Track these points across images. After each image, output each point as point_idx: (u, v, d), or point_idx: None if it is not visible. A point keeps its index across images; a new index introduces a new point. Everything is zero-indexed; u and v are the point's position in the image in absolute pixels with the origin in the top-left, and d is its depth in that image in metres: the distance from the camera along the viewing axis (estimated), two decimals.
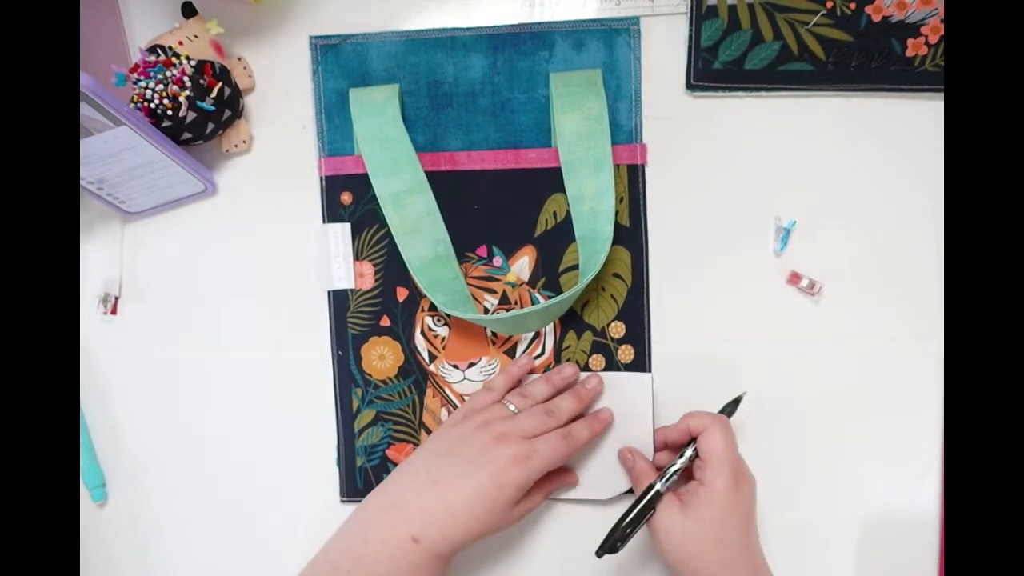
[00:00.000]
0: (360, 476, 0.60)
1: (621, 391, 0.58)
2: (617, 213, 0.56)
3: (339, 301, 0.59)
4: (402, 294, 0.59)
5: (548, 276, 0.58)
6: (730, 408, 0.55)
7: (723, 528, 0.50)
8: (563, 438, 0.53)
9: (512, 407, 0.54)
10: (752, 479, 0.53)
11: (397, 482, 0.53)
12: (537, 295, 0.59)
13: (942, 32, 0.55)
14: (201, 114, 0.54)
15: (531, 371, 0.58)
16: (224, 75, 0.56)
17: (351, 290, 0.59)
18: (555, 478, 0.57)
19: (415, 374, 0.59)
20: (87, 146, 0.51)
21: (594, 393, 0.57)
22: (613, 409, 0.57)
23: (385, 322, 0.59)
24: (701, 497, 0.51)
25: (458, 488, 0.50)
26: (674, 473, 0.53)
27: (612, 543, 0.52)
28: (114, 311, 0.61)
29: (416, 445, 0.59)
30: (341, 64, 0.58)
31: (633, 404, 0.57)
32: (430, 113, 0.58)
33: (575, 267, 0.58)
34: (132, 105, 0.53)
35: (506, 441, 0.51)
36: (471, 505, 0.50)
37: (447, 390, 0.59)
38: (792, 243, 0.58)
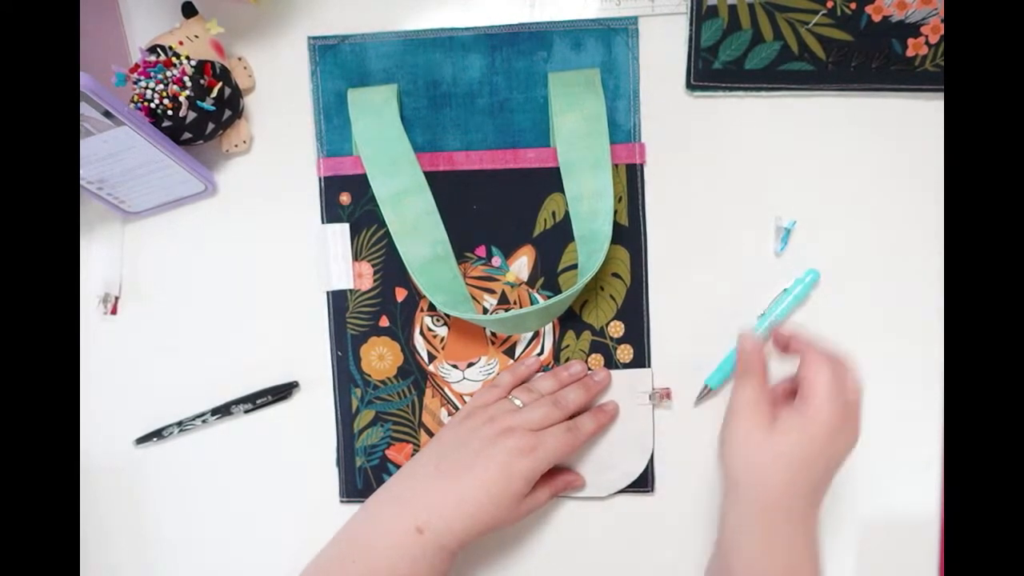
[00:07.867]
0: (360, 476, 0.60)
1: (622, 387, 0.58)
2: (616, 213, 0.56)
3: (338, 301, 0.59)
4: (401, 294, 0.59)
5: (547, 276, 0.58)
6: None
7: (802, 460, 0.47)
8: (569, 430, 0.53)
9: (518, 402, 0.55)
10: (854, 437, 0.49)
11: (404, 475, 0.54)
12: (536, 295, 0.58)
13: (942, 32, 0.55)
14: (201, 114, 0.54)
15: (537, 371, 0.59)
16: (224, 75, 0.56)
17: (350, 290, 0.59)
18: (561, 478, 0.57)
19: (414, 374, 0.59)
20: (87, 146, 0.51)
21: (602, 386, 0.57)
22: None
23: (384, 322, 0.59)
24: (794, 422, 0.48)
25: (465, 479, 0.50)
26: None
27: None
28: (114, 311, 0.61)
29: (416, 445, 0.59)
30: (339, 64, 0.58)
31: (633, 400, 0.58)
32: (429, 113, 0.58)
33: (574, 267, 0.58)
34: (132, 105, 0.53)
35: (512, 433, 0.52)
36: (478, 496, 0.50)
37: (447, 390, 0.59)
38: (792, 243, 0.58)
